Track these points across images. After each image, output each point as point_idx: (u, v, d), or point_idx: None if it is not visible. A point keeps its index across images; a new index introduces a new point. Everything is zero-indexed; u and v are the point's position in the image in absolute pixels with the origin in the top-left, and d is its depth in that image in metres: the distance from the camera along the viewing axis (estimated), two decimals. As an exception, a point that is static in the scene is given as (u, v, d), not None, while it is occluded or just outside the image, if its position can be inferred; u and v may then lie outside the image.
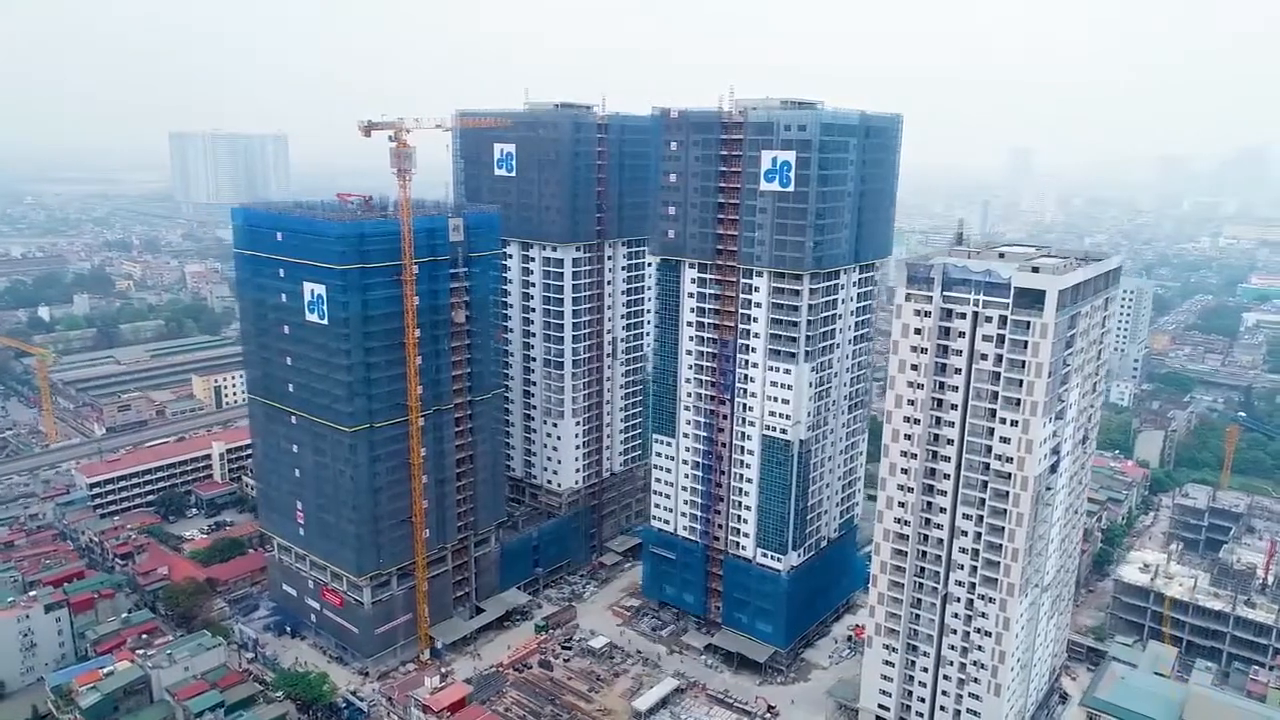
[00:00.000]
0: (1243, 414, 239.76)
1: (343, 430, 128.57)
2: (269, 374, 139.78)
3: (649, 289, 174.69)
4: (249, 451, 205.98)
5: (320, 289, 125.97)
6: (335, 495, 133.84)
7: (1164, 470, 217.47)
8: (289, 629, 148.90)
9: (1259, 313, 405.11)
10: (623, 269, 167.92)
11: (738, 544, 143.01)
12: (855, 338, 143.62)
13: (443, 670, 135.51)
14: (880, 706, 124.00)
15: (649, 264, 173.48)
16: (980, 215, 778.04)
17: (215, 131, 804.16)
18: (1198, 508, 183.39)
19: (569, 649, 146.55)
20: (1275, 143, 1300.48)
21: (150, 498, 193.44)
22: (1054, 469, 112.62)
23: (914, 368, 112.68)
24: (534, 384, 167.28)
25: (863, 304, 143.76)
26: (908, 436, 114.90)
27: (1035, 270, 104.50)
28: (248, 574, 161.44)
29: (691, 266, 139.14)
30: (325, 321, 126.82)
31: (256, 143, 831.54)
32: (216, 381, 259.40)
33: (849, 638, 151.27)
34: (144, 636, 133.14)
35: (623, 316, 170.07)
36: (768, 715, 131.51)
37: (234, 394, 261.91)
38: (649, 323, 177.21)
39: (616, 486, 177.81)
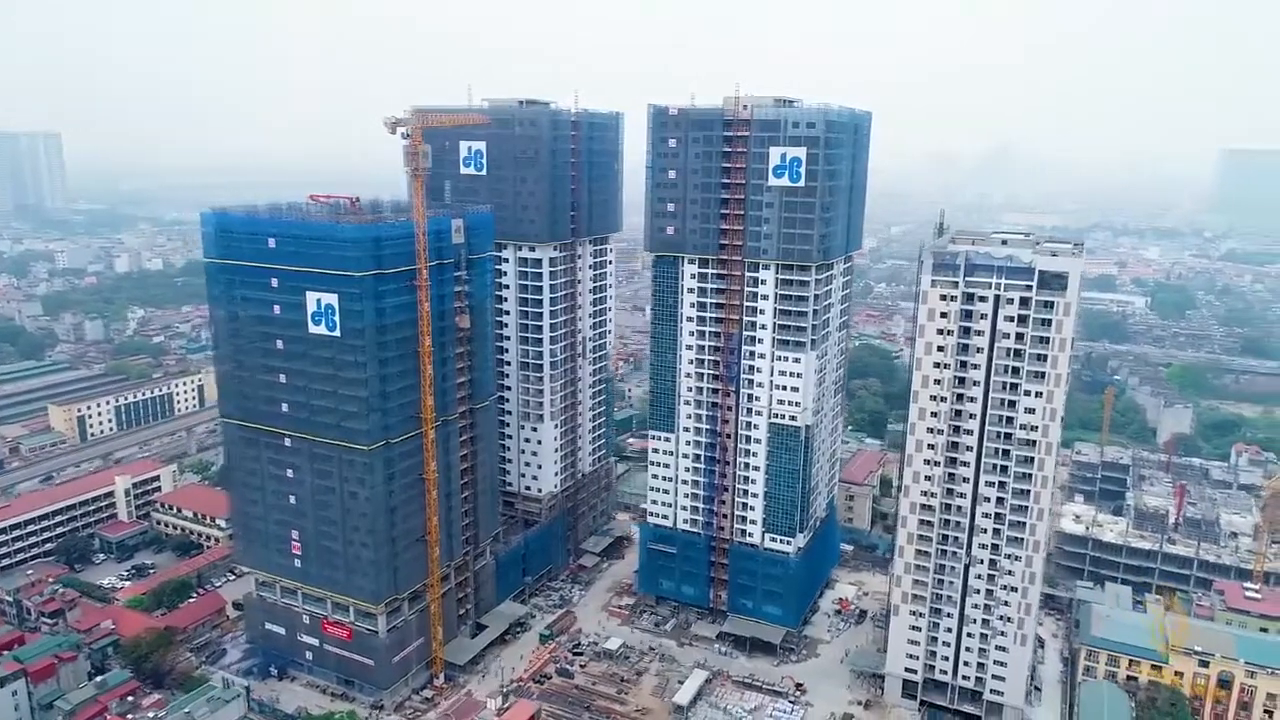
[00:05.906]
0: (1118, 377, 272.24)
1: (358, 449, 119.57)
2: (251, 394, 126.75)
3: (611, 286, 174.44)
4: (157, 485, 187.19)
5: (330, 298, 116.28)
6: (344, 520, 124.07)
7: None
8: (275, 671, 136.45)
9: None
10: (590, 267, 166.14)
11: (744, 531, 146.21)
12: (841, 325, 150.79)
13: (503, 694, 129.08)
14: (908, 670, 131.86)
15: (611, 261, 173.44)
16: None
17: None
18: (1092, 462, 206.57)
19: (580, 654, 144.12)
20: (1017, 142, 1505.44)
21: (48, 545, 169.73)
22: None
23: (940, 349, 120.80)
24: (508, 388, 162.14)
25: (845, 293, 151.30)
26: (934, 414, 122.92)
27: (1054, 255, 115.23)
28: (208, 617, 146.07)
29: (691, 262, 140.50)
30: (336, 333, 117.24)
31: (24, 142, 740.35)
32: (79, 411, 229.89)
33: (837, 611, 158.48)
34: (129, 699, 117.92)
35: (590, 315, 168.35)
36: (797, 693, 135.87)
37: (100, 424, 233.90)
38: (611, 320, 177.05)
39: (587, 487, 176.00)
